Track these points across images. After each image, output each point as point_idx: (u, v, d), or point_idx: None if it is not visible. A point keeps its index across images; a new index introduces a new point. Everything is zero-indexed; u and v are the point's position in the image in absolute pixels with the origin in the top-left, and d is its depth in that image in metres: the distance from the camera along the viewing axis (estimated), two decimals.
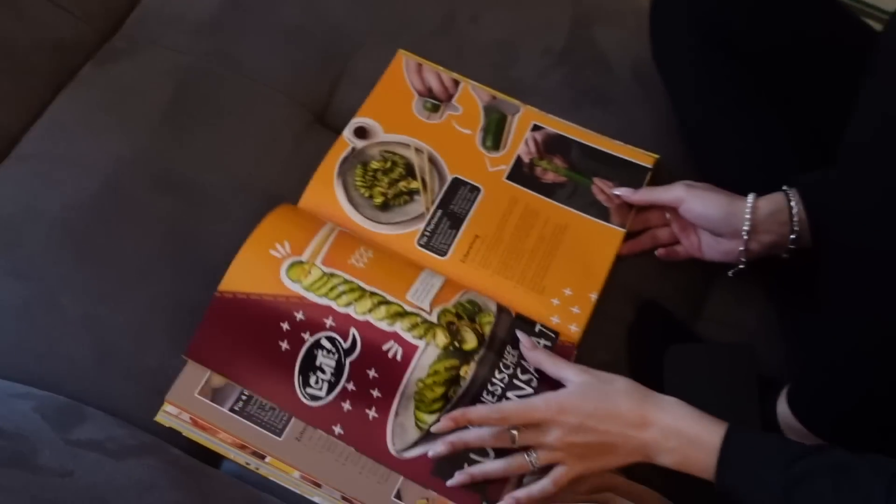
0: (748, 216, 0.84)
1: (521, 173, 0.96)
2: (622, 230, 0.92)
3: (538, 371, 0.81)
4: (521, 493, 0.76)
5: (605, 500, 0.76)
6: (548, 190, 0.94)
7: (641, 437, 0.73)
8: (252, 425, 0.81)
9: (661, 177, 0.95)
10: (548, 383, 0.80)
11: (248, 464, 0.80)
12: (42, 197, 0.90)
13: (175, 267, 0.88)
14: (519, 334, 0.82)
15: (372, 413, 0.81)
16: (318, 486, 0.80)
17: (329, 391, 0.82)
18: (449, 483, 0.78)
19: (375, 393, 0.81)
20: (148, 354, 0.84)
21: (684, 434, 0.72)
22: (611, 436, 0.74)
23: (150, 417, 0.81)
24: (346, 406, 0.81)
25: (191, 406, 0.81)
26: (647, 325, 0.92)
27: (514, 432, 0.76)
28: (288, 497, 0.79)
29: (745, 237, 0.85)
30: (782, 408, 0.84)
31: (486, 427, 0.77)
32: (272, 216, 0.87)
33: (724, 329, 0.94)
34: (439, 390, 0.81)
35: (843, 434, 0.78)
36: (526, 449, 0.77)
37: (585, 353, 0.87)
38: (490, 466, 0.77)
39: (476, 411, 0.77)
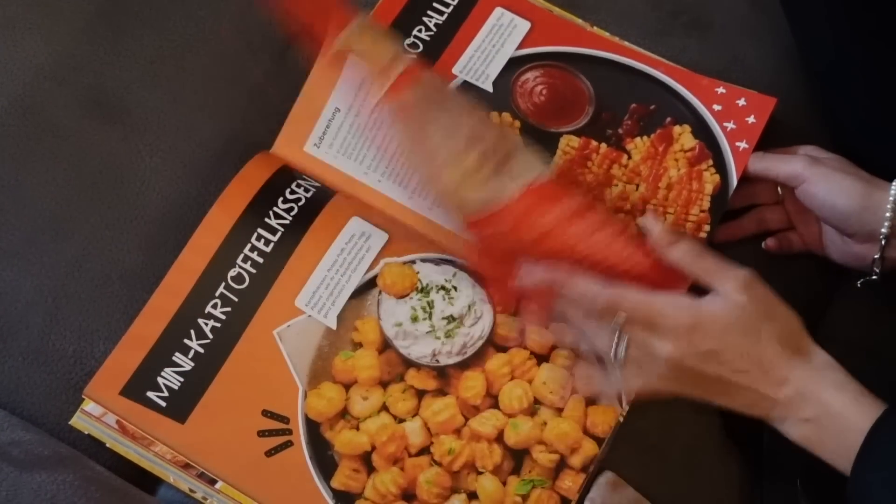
0: (890, 213, 0.74)
1: None
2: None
3: None
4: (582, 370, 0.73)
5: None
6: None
7: (774, 394, 0.68)
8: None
9: (778, 133, 0.84)
10: None
11: (192, 491, 0.72)
12: None
13: (102, 218, 0.81)
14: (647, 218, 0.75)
15: None
16: None
17: None
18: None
19: None
20: (65, 335, 0.77)
21: (828, 406, 0.67)
22: (741, 379, 0.68)
23: (67, 421, 0.73)
24: None
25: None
26: None
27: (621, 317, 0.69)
28: None
29: (883, 242, 0.75)
30: None
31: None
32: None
33: (848, 351, 0.78)
34: None
35: None
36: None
37: None
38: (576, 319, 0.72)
39: (584, 283, 0.71)
